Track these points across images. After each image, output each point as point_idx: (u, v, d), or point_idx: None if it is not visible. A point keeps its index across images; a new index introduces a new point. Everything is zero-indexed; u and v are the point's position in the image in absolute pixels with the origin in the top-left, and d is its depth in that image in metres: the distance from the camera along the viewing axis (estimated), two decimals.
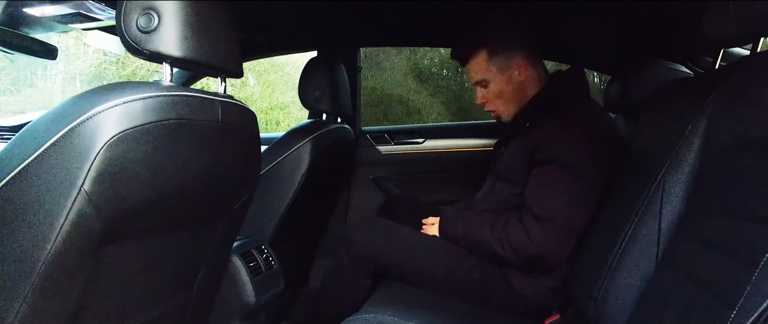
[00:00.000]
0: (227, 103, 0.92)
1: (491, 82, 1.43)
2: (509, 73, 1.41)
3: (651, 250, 0.95)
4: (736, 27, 0.87)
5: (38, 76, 6.33)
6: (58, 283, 0.72)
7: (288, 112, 6.93)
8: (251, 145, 1.04)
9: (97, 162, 0.69)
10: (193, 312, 1.11)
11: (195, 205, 0.94)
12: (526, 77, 1.41)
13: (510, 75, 1.41)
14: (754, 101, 0.79)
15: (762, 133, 0.76)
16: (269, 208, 1.49)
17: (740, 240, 0.72)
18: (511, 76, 1.41)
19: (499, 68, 1.41)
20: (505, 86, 1.42)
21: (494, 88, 1.43)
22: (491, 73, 1.42)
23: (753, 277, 0.65)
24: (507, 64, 1.41)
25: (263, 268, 1.38)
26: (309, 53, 2.18)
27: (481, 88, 1.46)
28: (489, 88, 1.44)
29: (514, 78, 1.41)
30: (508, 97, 1.43)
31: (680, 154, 0.95)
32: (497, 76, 1.42)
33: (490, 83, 1.43)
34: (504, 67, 1.41)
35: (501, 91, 1.43)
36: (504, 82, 1.42)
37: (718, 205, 0.82)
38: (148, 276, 0.92)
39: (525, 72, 1.41)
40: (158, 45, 0.80)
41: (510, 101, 1.44)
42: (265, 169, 1.48)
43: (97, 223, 0.72)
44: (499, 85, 1.42)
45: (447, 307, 1.28)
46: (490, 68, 1.42)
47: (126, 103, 0.72)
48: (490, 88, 1.44)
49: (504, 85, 1.42)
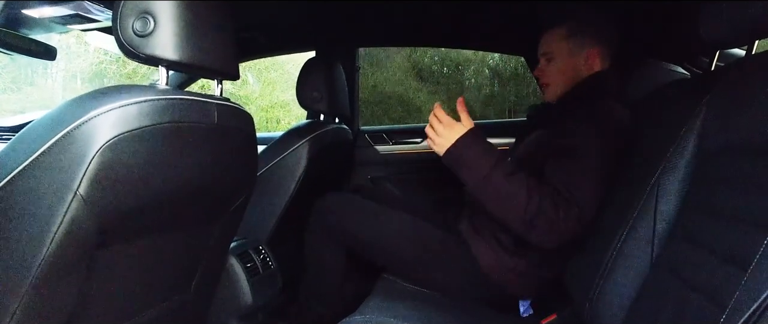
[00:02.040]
0: (223, 105, 0.93)
1: (557, 58, 1.40)
2: (577, 59, 1.39)
3: (646, 251, 0.96)
4: (729, 29, 0.87)
5: (39, 74, 6.35)
6: (54, 285, 0.73)
7: (288, 111, 6.95)
8: (247, 147, 1.05)
9: (93, 166, 0.69)
10: (191, 313, 1.12)
11: (191, 207, 0.94)
12: (590, 69, 1.39)
13: (577, 60, 1.39)
14: (747, 104, 0.80)
15: (754, 136, 0.76)
16: (267, 208, 1.50)
17: (732, 242, 0.73)
18: (577, 62, 1.39)
19: (571, 49, 1.39)
20: (567, 68, 1.40)
21: (557, 65, 1.41)
22: (561, 49, 1.40)
23: (744, 279, 0.65)
24: (580, 49, 1.38)
25: (261, 269, 1.38)
26: (309, 52, 2.19)
27: (545, 60, 1.44)
28: (552, 63, 1.41)
29: (579, 64, 1.39)
30: (565, 79, 1.40)
31: (675, 156, 0.95)
32: (565, 55, 1.39)
33: (555, 59, 1.41)
34: (576, 50, 1.39)
35: (562, 71, 1.40)
36: (568, 64, 1.39)
37: (711, 207, 0.82)
38: (144, 277, 0.93)
39: (592, 64, 1.39)
40: (154, 49, 0.80)
41: (564, 84, 1.41)
42: (263, 169, 1.49)
43: (92, 226, 0.72)
44: (562, 64, 1.40)
45: (444, 308, 1.28)
46: (563, 45, 1.39)
47: (122, 107, 0.72)
48: (552, 64, 1.41)
49: (567, 66, 1.40)
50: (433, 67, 6.64)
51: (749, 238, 0.68)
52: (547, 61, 1.43)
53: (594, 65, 1.39)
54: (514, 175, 1.15)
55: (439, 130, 1.18)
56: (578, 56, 1.38)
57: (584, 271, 1.12)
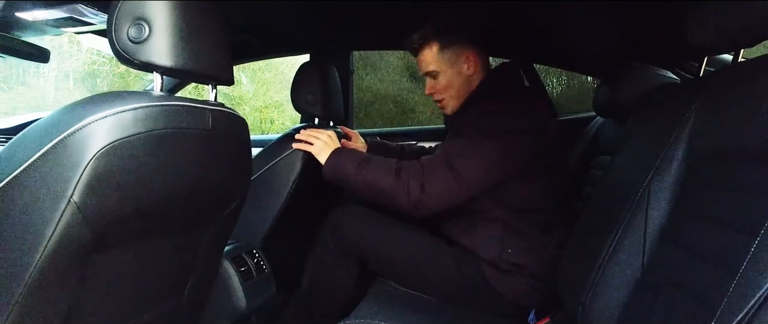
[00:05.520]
0: (218, 110, 0.93)
1: (441, 74, 1.45)
2: (458, 67, 1.44)
3: (637, 256, 0.96)
4: (715, 37, 0.89)
5: (31, 74, 6.30)
6: (47, 291, 0.73)
7: (282, 111, 6.93)
8: (242, 152, 1.05)
9: (87, 172, 0.69)
10: (184, 317, 1.11)
11: (186, 212, 0.94)
12: (475, 71, 1.44)
13: (459, 68, 1.44)
14: (734, 110, 0.81)
15: (741, 141, 0.77)
16: (261, 212, 1.50)
17: (721, 247, 0.74)
18: (460, 70, 1.44)
19: (449, 60, 1.44)
20: (454, 79, 1.45)
21: (443, 79, 1.45)
22: (441, 64, 1.44)
23: (732, 285, 0.66)
24: (457, 58, 1.43)
25: (254, 273, 1.38)
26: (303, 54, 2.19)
27: (430, 78, 1.48)
28: (438, 79, 1.46)
29: (463, 71, 1.44)
30: (456, 90, 1.46)
31: (665, 161, 0.96)
32: (447, 68, 1.44)
33: (439, 74, 1.45)
34: (454, 60, 1.43)
35: (450, 83, 1.45)
36: (453, 75, 1.44)
37: (701, 212, 0.83)
38: (138, 282, 0.93)
39: (473, 66, 1.44)
40: (149, 55, 0.81)
41: (457, 94, 1.46)
42: (257, 173, 1.49)
43: (86, 232, 0.72)
44: (448, 77, 1.45)
45: (437, 311, 1.29)
46: (440, 60, 1.44)
47: (117, 113, 0.72)
48: (439, 80, 1.46)
49: (453, 77, 1.44)
50: None
51: (738, 243, 0.69)
52: (433, 78, 1.47)
53: (476, 65, 1.44)
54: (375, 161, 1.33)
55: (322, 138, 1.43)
56: (458, 63, 1.43)
57: (576, 275, 1.13)
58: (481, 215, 1.36)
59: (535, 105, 1.37)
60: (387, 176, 1.28)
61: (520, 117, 1.30)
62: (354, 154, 1.39)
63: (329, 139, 1.43)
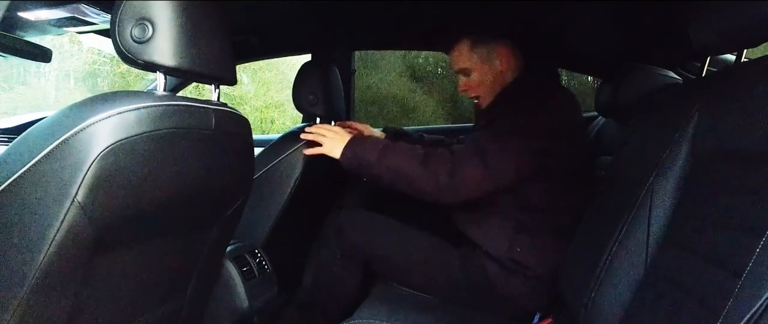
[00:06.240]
0: (221, 110, 0.93)
1: (473, 71, 1.45)
2: (491, 63, 1.43)
3: (640, 257, 0.96)
4: (718, 37, 0.88)
5: (31, 74, 6.30)
6: (50, 291, 0.73)
7: (283, 111, 6.92)
8: (245, 152, 1.05)
9: (91, 173, 0.69)
10: (186, 317, 1.11)
11: (189, 212, 0.94)
12: (508, 68, 1.44)
13: (491, 65, 1.44)
14: (736, 111, 0.81)
15: (744, 142, 0.77)
16: (263, 212, 1.50)
17: (725, 248, 0.73)
18: (492, 66, 1.44)
19: (481, 58, 1.43)
20: (487, 75, 1.44)
21: (476, 76, 1.45)
22: (473, 62, 1.44)
23: (737, 287, 0.66)
24: (489, 54, 1.43)
25: (256, 273, 1.38)
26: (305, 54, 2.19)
27: (463, 76, 1.48)
28: (471, 76, 1.46)
29: (495, 68, 1.44)
30: (488, 86, 1.46)
31: (668, 162, 0.96)
32: (479, 65, 1.44)
33: (472, 72, 1.45)
34: (486, 57, 1.43)
35: (482, 80, 1.45)
36: (485, 72, 1.44)
37: (704, 214, 0.83)
38: (141, 282, 0.93)
39: (506, 62, 1.43)
40: (152, 55, 0.80)
41: (491, 89, 1.46)
42: (259, 173, 1.49)
43: (90, 232, 0.72)
44: (480, 74, 1.45)
45: (440, 312, 1.29)
46: (473, 57, 1.44)
47: (120, 113, 0.72)
48: (472, 77, 1.46)
49: (485, 74, 1.44)
50: (427, 68, 6.64)
51: (742, 244, 0.69)
52: (465, 76, 1.47)
53: (510, 62, 1.43)
54: (398, 147, 1.32)
55: (329, 135, 1.40)
56: (492, 61, 1.43)
57: (579, 276, 1.12)
58: (495, 210, 1.35)
59: (568, 105, 1.37)
60: (413, 162, 1.28)
61: (555, 117, 1.30)
62: (374, 140, 1.37)
63: (335, 132, 1.42)
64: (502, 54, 1.43)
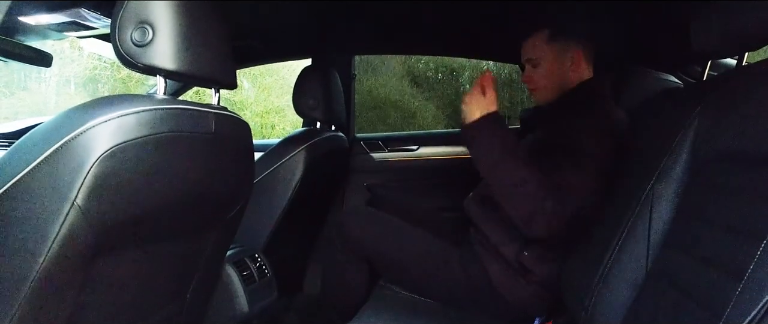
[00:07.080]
0: (221, 114, 0.93)
1: (542, 63, 1.41)
2: (563, 61, 1.39)
3: (641, 260, 0.96)
4: (719, 41, 0.88)
5: (32, 79, 6.31)
6: (50, 295, 0.73)
7: (283, 116, 6.93)
8: (245, 156, 1.05)
9: (91, 176, 0.69)
10: (186, 321, 1.11)
11: (188, 216, 0.94)
12: (576, 70, 1.40)
13: (562, 62, 1.39)
14: (737, 114, 0.81)
15: (745, 145, 0.77)
16: (263, 216, 1.50)
17: (726, 252, 0.73)
18: (563, 64, 1.39)
19: (556, 52, 1.39)
20: (554, 72, 1.40)
21: (543, 69, 1.41)
22: (545, 53, 1.40)
23: (738, 290, 0.66)
24: (563, 51, 1.39)
25: (256, 277, 1.38)
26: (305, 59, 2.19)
27: (530, 66, 1.44)
28: (538, 68, 1.42)
29: (565, 67, 1.39)
30: (553, 83, 1.41)
31: (669, 165, 0.96)
32: (551, 59, 1.40)
33: (541, 63, 1.41)
34: (560, 52, 1.39)
35: (549, 74, 1.41)
36: (555, 67, 1.40)
37: (705, 216, 0.83)
38: (140, 286, 0.93)
39: (577, 65, 1.39)
40: (152, 58, 0.81)
41: (553, 87, 1.41)
42: (259, 177, 1.49)
43: (89, 236, 0.72)
44: (549, 68, 1.40)
45: (440, 316, 1.28)
46: (547, 49, 1.40)
47: (120, 117, 0.72)
48: (539, 69, 1.42)
49: (553, 70, 1.40)
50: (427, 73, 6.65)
51: (743, 247, 0.68)
52: (533, 66, 1.43)
53: (579, 66, 1.40)
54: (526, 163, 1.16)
55: (470, 98, 1.22)
56: (564, 59, 1.39)
57: (580, 278, 1.12)
58: None
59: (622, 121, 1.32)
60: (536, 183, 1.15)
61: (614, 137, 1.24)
62: (509, 134, 1.22)
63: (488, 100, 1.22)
64: (576, 56, 1.39)
